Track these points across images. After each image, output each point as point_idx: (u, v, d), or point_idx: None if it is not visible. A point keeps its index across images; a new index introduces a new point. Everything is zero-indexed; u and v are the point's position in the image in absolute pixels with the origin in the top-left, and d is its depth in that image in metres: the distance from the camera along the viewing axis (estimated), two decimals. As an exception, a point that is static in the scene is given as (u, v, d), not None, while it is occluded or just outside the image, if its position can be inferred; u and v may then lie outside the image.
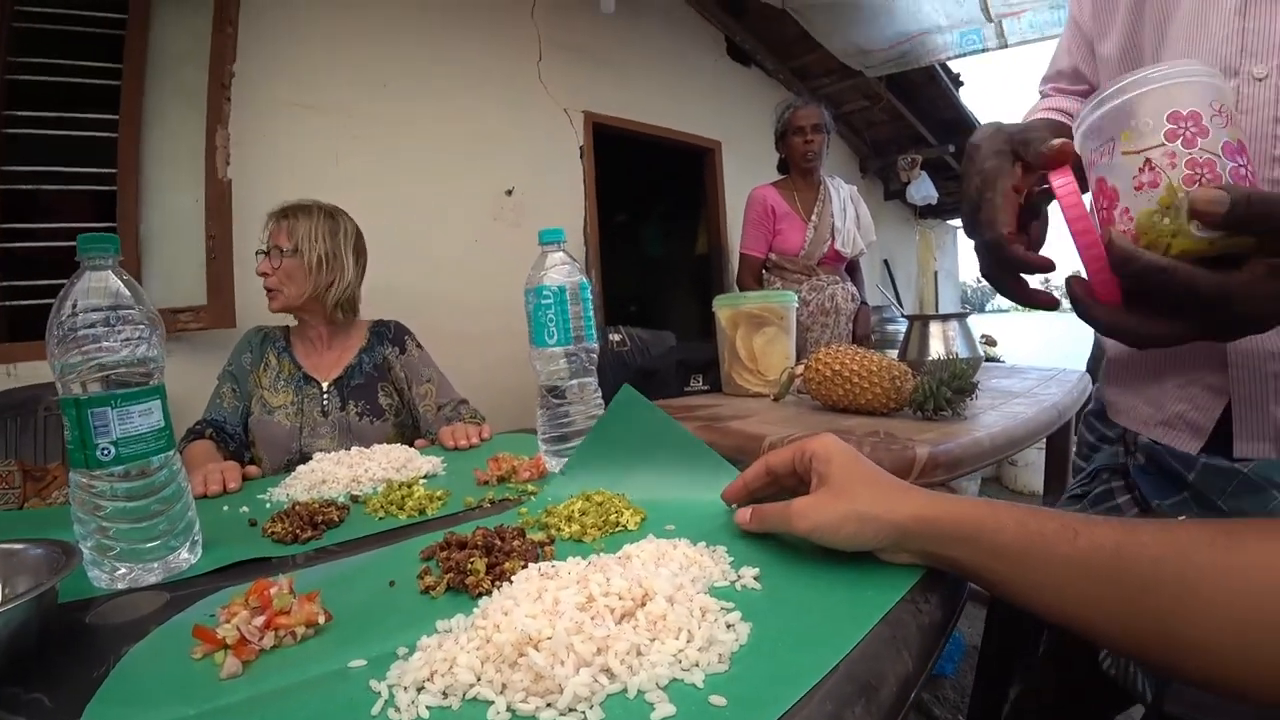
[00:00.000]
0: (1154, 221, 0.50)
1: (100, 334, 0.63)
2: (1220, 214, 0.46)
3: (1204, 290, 0.48)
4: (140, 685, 0.47)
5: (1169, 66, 0.51)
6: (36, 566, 0.59)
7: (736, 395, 1.92)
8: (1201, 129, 0.49)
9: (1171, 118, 0.50)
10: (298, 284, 1.57)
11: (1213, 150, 0.49)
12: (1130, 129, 0.52)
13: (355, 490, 0.95)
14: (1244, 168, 0.49)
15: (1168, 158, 0.50)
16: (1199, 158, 0.49)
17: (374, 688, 0.42)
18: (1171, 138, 0.50)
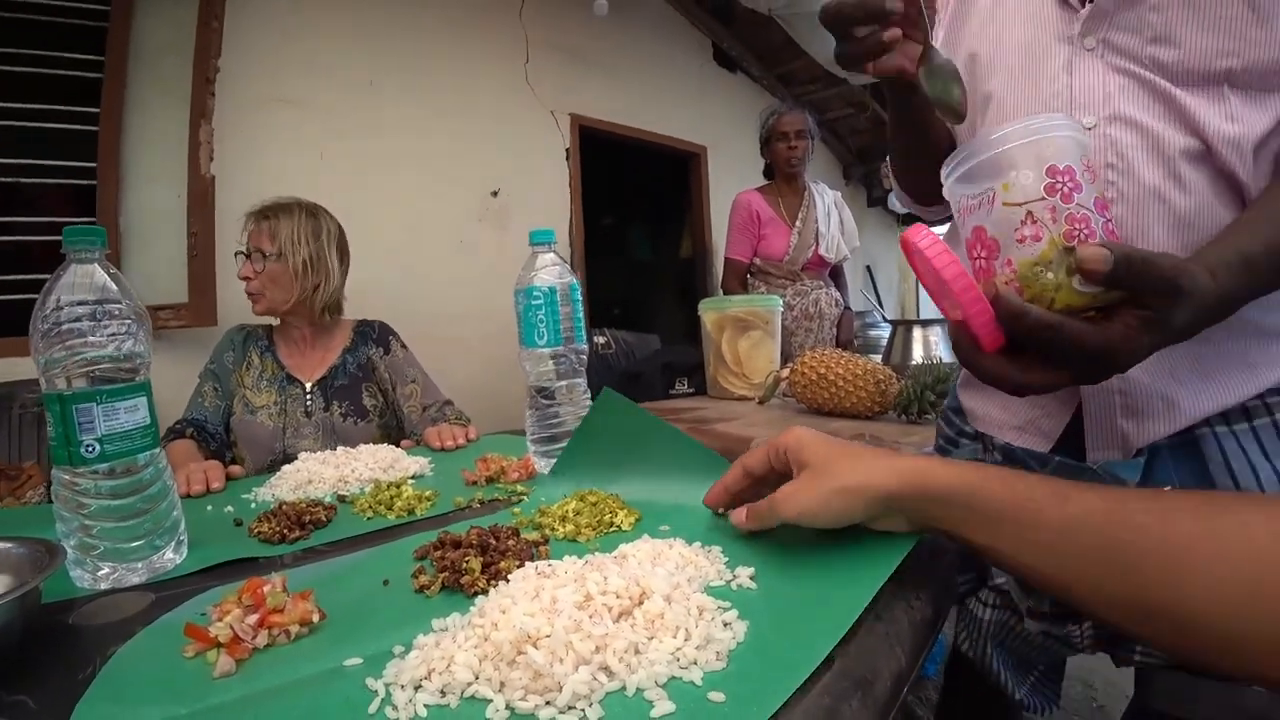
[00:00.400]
0: (1037, 274, 0.52)
1: (86, 328, 0.62)
2: (1104, 272, 0.49)
3: (1090, 346, 0.51)
4: (130, 684, 0.46)
5: (1043, 120, 0.53)
6: (19, 565, 0.58)
7: (722, 398, 1.93)
8: (1076, 184, 0.51)
9: (1049, 172, 0.52)
10: (283, 289, 1.55)
11: (1087, 206, 0.51)
12: (1010, 181, 0.53)
13: (342, 490, 0.94)
14: (1110, 223, 0.53)
15: (1049, 212, 0.51)
16: (1076, 213, 0.51)
17: (370, 686, 0.42)
18: (1051, 192, 0.51)
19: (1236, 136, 0.62)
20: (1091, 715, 1.84)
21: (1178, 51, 0.63)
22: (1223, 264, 0.54)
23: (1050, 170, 0.52)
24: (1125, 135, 0.66)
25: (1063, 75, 0.70)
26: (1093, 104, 0.68)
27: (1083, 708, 1.87)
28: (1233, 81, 0.62)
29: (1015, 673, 0.89)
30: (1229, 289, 0.53)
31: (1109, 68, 0.68)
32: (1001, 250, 0.54)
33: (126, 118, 2.23)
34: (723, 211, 2.96)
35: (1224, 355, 0.67)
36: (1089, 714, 1.84)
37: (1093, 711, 1.85)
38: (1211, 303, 0.52)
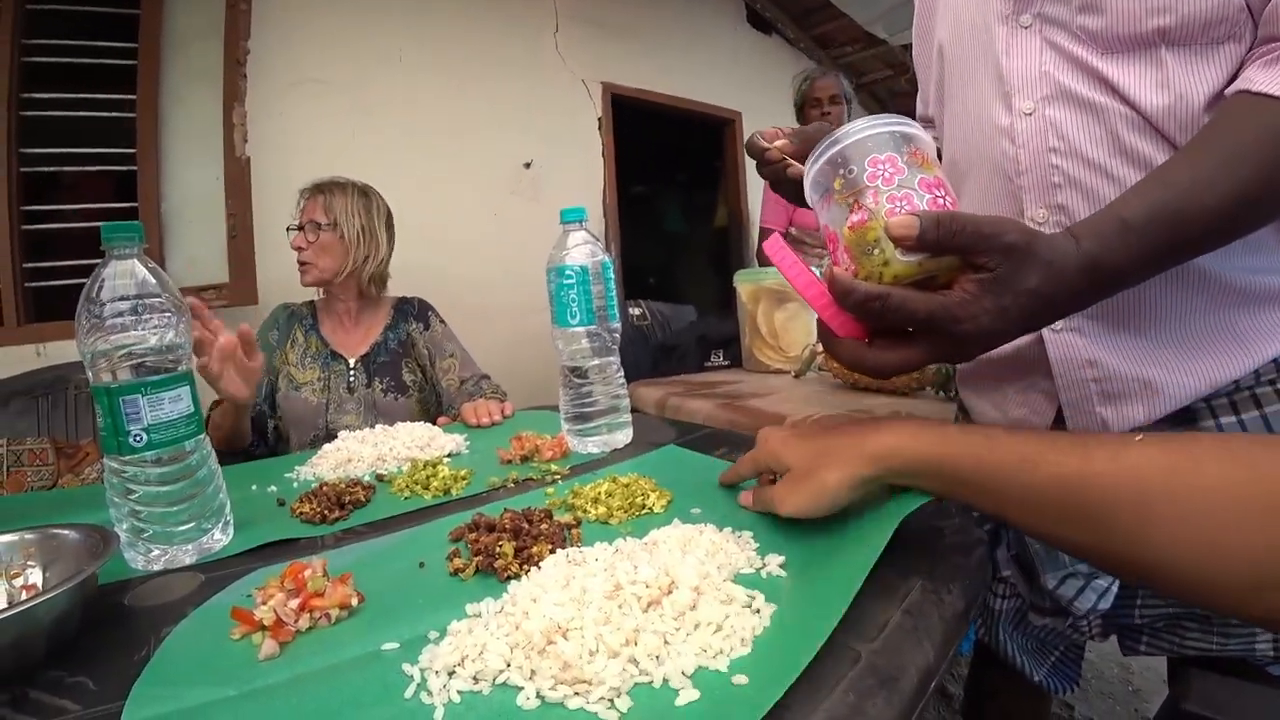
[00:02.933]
0: (868, 253, 0.53)
1: (128, 323, 0.64)
2: (914, 235, 0.49)
3: (921, 310, 0.51)
4: (182, 666, 0.48)
5: (865, 120, 0.56)
6: (76, 551, 0.60)
7: (757, 371, 1.92)
8: (898, 169, 0.54)
9: (871, 162, 0.55)
10: (334, 258, 1.59)
11: (909, 185, 0.53)
12: (841, 176, 0.56)
13: (380, 469, 0.97)
14: (942, 199, 0.53)
15: (872, 196, 0.54)
16: (897, 193, 0.53)
17: (406, 671, 0.43)
18: (873, 179, 0.54)
19: (1168, 106, 0.60)
20: (1127, 699, 1.81)
21: (1104, 17, 0.61)
22: (1093, 229, 0.53)
23: (872, 161, 0.55)
24: (1064, 114, 0.65)
25: (1001, 59, 0.69)
26: (1029, 85, 0.67)
27: (1118, 690, 1.84)
28: (1169, 40, 0.59)
29: (1033, 657, 0.88)
30: (1097, 253, 0.51)
31: (1045, 44, 0.66)
32: (840, 241, 0.56)
33: (162, 103, 2.27)
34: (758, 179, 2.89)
35: (1207, 328, 0.64)
36: (1124, 697, 1.82)
37: (1128, 695, 1.82)
38: (1073, 265, 0.51)
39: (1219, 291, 0.63)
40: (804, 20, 4.90)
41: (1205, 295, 0.63)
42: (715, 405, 1.49)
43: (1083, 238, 0.52)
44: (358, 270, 1.62)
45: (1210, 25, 0.57)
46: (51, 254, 2.20)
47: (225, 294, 2.29)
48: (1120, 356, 0.67)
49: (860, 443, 0.54)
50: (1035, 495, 0.45)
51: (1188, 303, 0.64)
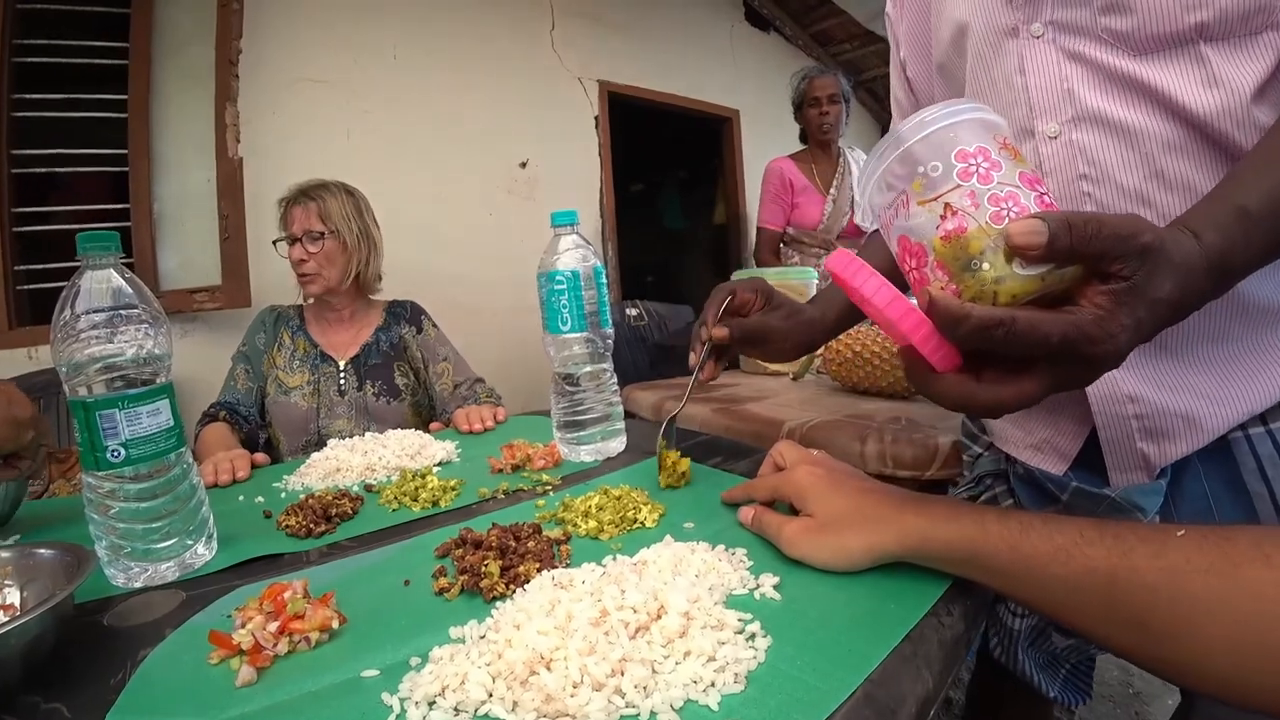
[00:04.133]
0: (973, 270, 0.44)
1: (104, 335, 0.62)
2: (1042, 244, 0.41)
3: (1056, 335, 0.42)
4: (158, 693, 0.47)
5: (940, 108, 0.47)
6: (53, 570, 0.58)
7: (755, 373, 1.91)
8: (994, 163, 0.45)
9: (959, 156, 0.45)
10: (338, 266, 1.58)
11: (1011, 183, 0.44)
12: (920, 177, 0.47)
13: (369, 479, 0.95)
14: (1047, 196, 0.45)
15: (968, 198, 0.44)
16: (999, 192, 0.44)
17: (386, 701, 0.42)
18: (965, 177, 0.45)
19: (1221, 105, 0.55)
20: (1128, 701, 1.80)
21: (1133, 17, 0.56)
22: (1211, 221, 0.46)
23: (960, 155, 0.45)
24: (1094, 138, 0.60)
25: (1016, 78, 0.63)
26: (1053, 106, 0.62)
27: (1119, 693, 1.83)
28: (1207, 35, 0.54)
29: (1046, 672, 0.87)
30: (1222, 248, 0.45)
31: (1064, 56, 0.61)
32: (929, 254, 0.47)
33: (154, 103, 2.26)
34: (756, 178, 2.90)
35: (1244, 352, 0.62)
36: (1125, 700, 1.80)
37: (1129, 698, 1.81)
38: (1200, 265, 0.44)
39: (1257, 312, 0.60)
40: (802, 17, 4.89)
41: (1243, 318, 0.60)
42: (711, 411, 1.48)
43: (1203, 232, 0.45)
44: (362, 273, 1.62)
45: (1249, 15, 0.53)
46: (43, 256, 2.19)
47: (218, 296, 2.27)
48: (1162, 390, 0.64)
49: (895, 518, 0.52)
50: (1069, 589, 0.43)
51: (1225, 327, 0.61)
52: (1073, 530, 0.44)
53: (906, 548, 0.51)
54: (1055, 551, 0.44)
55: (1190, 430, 0.64)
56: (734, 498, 0.69)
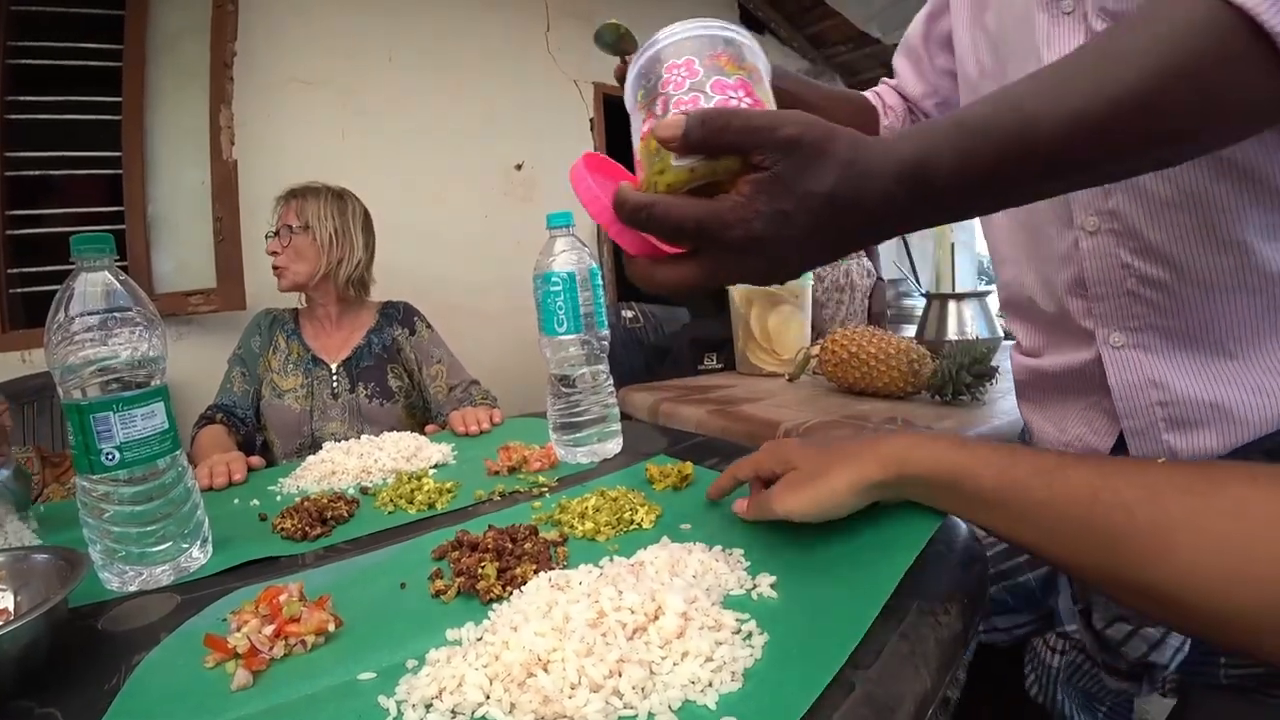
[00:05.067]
0: (650, 164, 0.47)
1: (98, 337, 0.62)
2: (679, 136, 0.42)
3: (689, 216, 0.43)
4: (153, 698, 0.46)
5: (677, 25, 0.52)
6: (46, 574, 0.58)
7: (751, 375, 1.91)
8: (693, 72, 0.50)
9: (669, 68, 0.51)
10: (308, 261, 1.57)
11: (700, 88, 0.49)
12: (644, 87, 0.53)
13: (365, 481, 0.95)
14: (735, 99, 0.48)
15: (661, 103, 0.50)
16: (684, 97, 0.49)
17: (382, 704, 0.42)
18: (665, 85, 0.50)
19: None
20: None
21: None
22: (918, 131, 0.44)
23: (669, 67, 0.51)
24: None
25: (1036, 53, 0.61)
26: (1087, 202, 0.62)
27: None
28: None
29: (1085, 712, 0.84)
30: (917, 155, 0.42)
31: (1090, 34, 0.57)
32: (637, 153, 0.51)
33: (148, 105, 2.25)
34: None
35: None
36: None
37: None
38: (887, 168, 0.42)
39: None
40: (797, 19, 4.89)
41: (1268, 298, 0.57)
42: (707, 412, 1.48)
43: (905, 139, 0.43)
44: (332, 273, 1.60)
45: None
46: (38, 259, 2.18)
47: (213, 299, 2.27)
48: (1189, 377, 0.61)
49: (874, 445, 0.53)
50: (1049, 512, 0.43)
51: (1261, 314, 0.58)
52: (1055, 456, 0.45)
53: (890, 473, 0.52)
54: (1037, 473, 0.44)
55: (1223, 420, 0.61)
56: (720, 486, 0.69)
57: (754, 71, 0.52)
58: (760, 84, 0.51)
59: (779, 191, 0.42)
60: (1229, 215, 0.56)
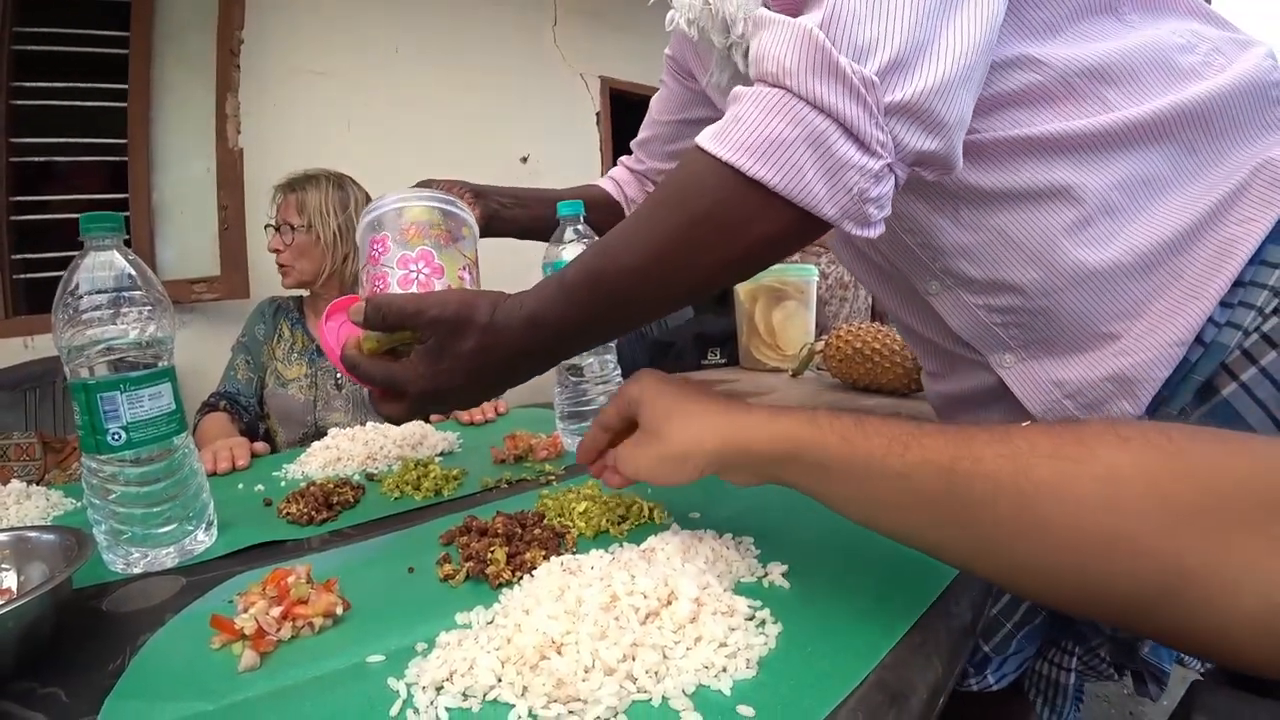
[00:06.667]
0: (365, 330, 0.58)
1: (106, 316, 0.61)
2: (361, 321, 0.56)
3: (377, 377, 0.58)
4: (158, 678, 0.46)
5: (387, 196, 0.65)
6: (50, 554, 0.58)
7: (755, 370, 1.90)
8: (385, 248, 0.62)
9: (371, 243, 0.64)
10: (312, 261, 1.55)
11: (389, 264, 0.62)
12: (361, 254, 0.66)
13: (370, 468, 0.94)
14: (415, 272, 0.62)
15: (368, 276, 0.63)
16: (378, 273, 0.62)
17: (392, 686, 0.41)
18: (371, 260, 0.63)
19: None
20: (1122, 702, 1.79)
21: None
22: (539, 289, 0.56)
23: (371, 242, 0.64)
24: None
25: None
26: None
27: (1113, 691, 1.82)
28: None
29: None
30: (535, 310, 0.55)
31: None
32: None
33: (154, 93, 2.24)
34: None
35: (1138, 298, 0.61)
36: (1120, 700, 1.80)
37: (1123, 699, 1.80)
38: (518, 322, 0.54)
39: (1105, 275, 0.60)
40: (803, 16, 4.87)
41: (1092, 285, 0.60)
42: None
43: (528, 297, 0.55)
44: (338, 270, 1.57)
45: None
46: (41, 245, 2.17)
47: (217, 287, 2.26)
48: (1083, 367, 0.64)
49: (715, 412, 0.49)
50: (905, 485, 0.39)
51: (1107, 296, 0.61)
52: (910, 424, 0.41)
53: (728, 445, 0.47)
54: (890, 443, 0.40)
55: (1126, 388, 0.62)
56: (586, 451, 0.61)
57: (444, 234, 0.65)
58: (447, 247, 0.65)
59: (436, 357, 0.56)
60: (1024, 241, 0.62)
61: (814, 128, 0.45)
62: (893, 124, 0.46)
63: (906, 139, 0.47)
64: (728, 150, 0.47)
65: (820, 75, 0.45)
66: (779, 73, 0.46)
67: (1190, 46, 0.60)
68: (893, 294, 0.78)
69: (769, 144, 0.46)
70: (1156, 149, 0.58)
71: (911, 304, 0.76)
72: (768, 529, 0.60)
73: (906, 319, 0.79)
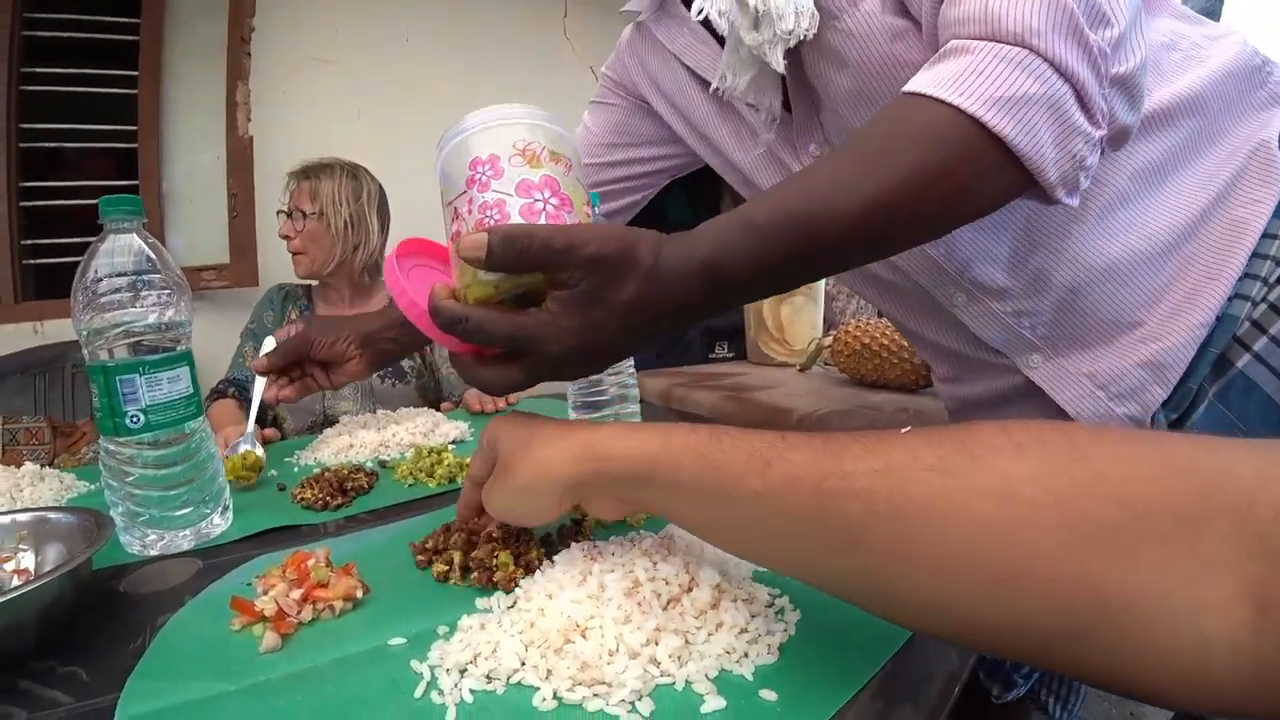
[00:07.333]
0: (461, 270, 0.47)
1: (125, 299, 0.62)
2: (481, 258, 0.44)
3: (500, 333, 0.46)
4: (179, 658, 0.46)
5: (485, 111, 0.51)
6: (70, 535, 0.58)
7: (762, 365, 1.90)
8: (498, 171, 0.49)
9: (473, 164, 0.49)
10: (323, 249, 1.55)
11: (505, 190, 0.48)
12: (448, 181, 0.51)
13: (383, 455, 0.95)
14: (541, 203, 0.48)
15: (467, 204, 0.49)
16: (490, 200, 0.48)
17: (415, 668, 0.41)
18: (470, 184, 0.49)
19: None
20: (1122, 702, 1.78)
21: None
22: (714, 229, 0.48)
23: (473, 163, 0.49)
24: None
25: None
26: None
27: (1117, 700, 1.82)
28: None
29: None
30: (712, 255, 0.46)
31: None
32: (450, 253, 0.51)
33: (165, 81, 2.25)
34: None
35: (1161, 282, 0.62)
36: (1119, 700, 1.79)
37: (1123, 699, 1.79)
38: (686, 271, 0.46)
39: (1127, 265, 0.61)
40: (813, 11, 4.86)
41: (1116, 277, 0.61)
42: (721, 398, 1.47)
43: (701, 240, 0.47)
44: (348, 259, 1.58)
45: None
46: (50, 231, 2.18)
47: (225, 275, 2.27)
48: (1114, 357, 0.64)
49: (568, 435, 0.45)
50: (768, 509, 0.35)
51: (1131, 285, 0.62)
52: (773, 436, 0.37)
53: (580, 466, 0.43)
54: (750, 459, 0.36)
55: (1158, 372, 0.63)
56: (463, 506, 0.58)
57: (563, 161, 0.51)
58: (569, 175, 0.51)
59: (587, 307, 0.45)
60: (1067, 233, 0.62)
61: (1055, 89, 0.45)
62: (1112, 96, 0.47)
63: (1119, 112, 0.48)
64: (971, 102, 0.45)
65: (1067, 39, 0.45)
66: (1023, 31, 0.45)
67: (1173, 44, 0.62)
68: (906, 309, 0.77)
69: (1013, 100, 0.45)
70: (1161, 137, 0.60)
71: (927, 316, 0.75)
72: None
73: (919, 329, 0.79)
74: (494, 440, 0.50)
